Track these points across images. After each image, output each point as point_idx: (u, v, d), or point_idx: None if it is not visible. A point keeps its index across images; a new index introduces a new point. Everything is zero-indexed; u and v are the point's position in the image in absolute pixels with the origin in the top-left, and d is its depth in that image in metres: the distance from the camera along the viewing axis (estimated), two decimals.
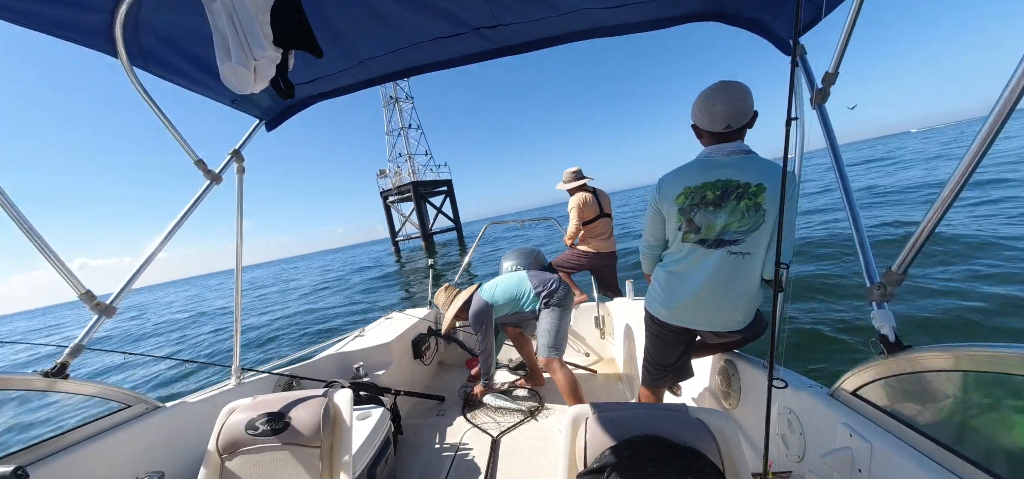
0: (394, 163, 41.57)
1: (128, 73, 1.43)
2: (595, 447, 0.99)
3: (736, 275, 1.43)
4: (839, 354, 3.84)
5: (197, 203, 1.81)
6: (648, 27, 1.75)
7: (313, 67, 1.73)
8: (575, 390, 2.24)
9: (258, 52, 1.11)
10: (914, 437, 0.99)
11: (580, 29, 1.77)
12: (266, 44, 1.12)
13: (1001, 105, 0.77)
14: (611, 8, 1.62)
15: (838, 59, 1.32)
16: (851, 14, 1.23)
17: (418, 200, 37.99)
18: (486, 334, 2.51)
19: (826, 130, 1.32)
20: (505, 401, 2.62)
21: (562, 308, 2.37)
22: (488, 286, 2.56)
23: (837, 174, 1.27)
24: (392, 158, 41.84)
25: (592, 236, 3.55)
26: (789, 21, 1.53)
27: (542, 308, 2.39)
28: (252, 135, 2.03)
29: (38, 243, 1.29)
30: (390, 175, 40.31)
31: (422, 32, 1.67)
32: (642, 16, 1.69)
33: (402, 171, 40.64)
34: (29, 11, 1.17)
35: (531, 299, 2.42)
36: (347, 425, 1.41)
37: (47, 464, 1.30)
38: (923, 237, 0.96)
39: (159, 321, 18.53)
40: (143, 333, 15.36)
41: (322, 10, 1.44)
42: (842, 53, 1.31)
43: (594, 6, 1.61)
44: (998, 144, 0.85)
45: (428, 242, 38.23)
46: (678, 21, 1.74)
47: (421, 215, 38.51)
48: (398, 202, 40.86)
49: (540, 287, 2.41)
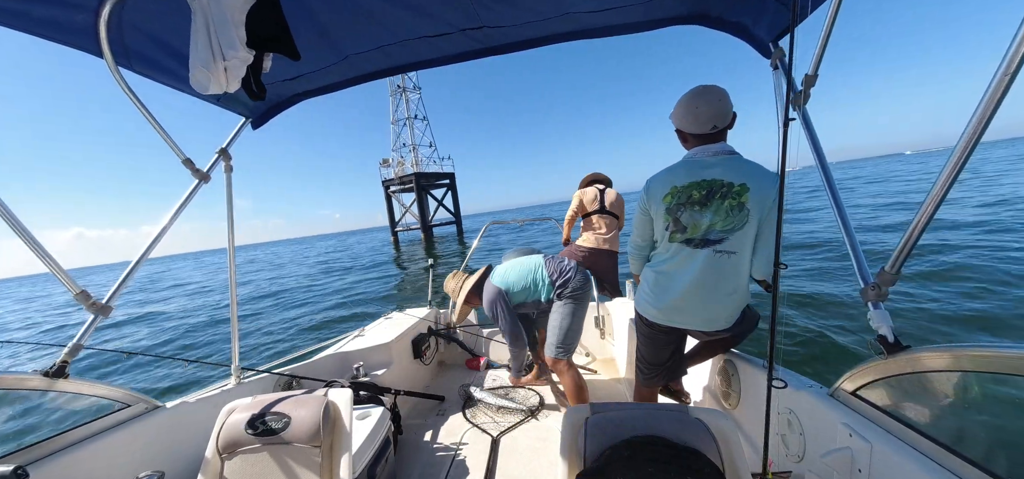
0: (398, 152, 41.51)
1: (113, 73, 1.42)
2: (595, 447, 0.99)
3: (723, 274, 1.44)
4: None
5: (186, 202, 1.82)
6: (632, 29, 1.77)
7: (296, 64, 1.74)
8: (581, 395, 2.17)
9: (229, 53, 1.11)
10: (914, 437, 0.99)
11: (566, 31, 1.78)
12: (239, 45, 1.12)
13: (986, 100, 0.78)
14: (595, 11, 1.64)
15: (817, 61, 1.34)
16: (829, 18, 1.26)
17: (420, 191, 37.87)
18: (507, 318, 2.28)
19: (809, 132, 1.33)
20: (505, 401, 2.62)
21: (576, 302, 2.18)
22: (500, 271, 2.36)
23: (822, 176, 1.29)
24: (396, 148, 41.77)
25: (589, 230, 3.51)
26: (768, 25, 1.56)
27: (555, 299, 2.19)
28: (238, 133, 2.03)
29: (32, 245, 1.29)
30: (393, 164, 40.24)
31: (408, 30, 1.68)
32: (626, 18, 1.71)
33: (405, 161, 40.53)
34: (12, 11, 1.17)
35: (546, 288, 2.22)
36: (347, 425, 1.41)
37: (47, 464, 1.30)
38: (915, 236, 0.97)
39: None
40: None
41: (306, 6, 1.43)
42: (821, 56, 1.33)
43: (579, 10, 1.62)
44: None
45: (427, 234, 38.20)
46: (661, 24, 1.76)
47: (422, 206, 38.40)
48: (400, 192, 40.75)
49: (556, 275, 2.21)
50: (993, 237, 7.52)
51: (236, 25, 1.11)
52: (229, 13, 1.09)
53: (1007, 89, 0.76)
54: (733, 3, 1.58)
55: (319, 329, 8.85)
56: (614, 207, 3.40)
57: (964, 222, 8.85)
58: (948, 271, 5.86)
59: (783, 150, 1.06)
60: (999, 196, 12.27)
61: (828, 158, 1.33)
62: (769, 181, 1.37)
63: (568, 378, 2.19)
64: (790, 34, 1.05)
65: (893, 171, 42.31)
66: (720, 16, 1.68)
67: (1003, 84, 0.76)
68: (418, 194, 37.82)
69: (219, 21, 1.09)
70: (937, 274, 5.81)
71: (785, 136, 1.04)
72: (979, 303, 4.77)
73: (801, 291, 5.97)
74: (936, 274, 5.81)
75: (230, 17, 1.09)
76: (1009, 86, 0.76)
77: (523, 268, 2.31)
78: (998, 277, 5.41)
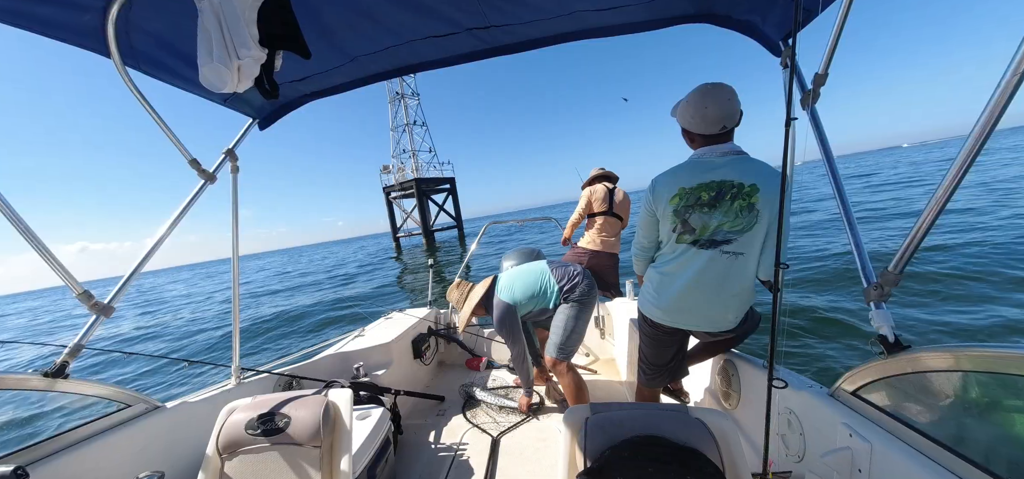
0: (398, 159, 41.57)
1: (121, 73, 1.43)
2: (595, 447, 0.99)
3: (728, 274, 1.43)
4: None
5: (192, 203, 1.82)
6: (639, 28, 1.76)
7: (304, 65, 1.73)
8: (581, 395, 2.16)
9: (243, 51, 1.11)
10: (914, 437, 0.99)
11: (572, 30, 1.78)
12: (252, 44, 1.12)
13: (995, 100, 0.78)
14: (603, 10, 1.63)
15: (828, 60, 1.32)
16: (840, 16, 1.24)
17: (420, 197, 38.02)
18: (516, 340, 2.26)
19: (818, 131, 1.32)
20: (505, 400, 2.62)
21: (581, 305, 2.18)
22: (505, 283, 2.31)
23: (829, 175, 1.28)
24: (396, 154, 41.85)
25: (593, 230, 3.47)
26: (778, 22, 1.54)
27: (561, 303, 2.20)
28: (245, 134, 2.03)
29: (36, 244, 1.29)
30: (393, 171, 40.33)
31: (414, 31, 1.68)
32: (633, 18, 1.70)
33: (405, 167, 40.63)
34: (21, 11, 1.17)
35: (554, 295, 2.21)
36: (347, 425, 1.41)
37: (47, 464, 1.30)
38: (919, 236, 0.97)
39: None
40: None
41: (313, 8, 1.44)
42: (832, 55, 1.31)
43: (586, 8, 1.62)
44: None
45: (429, 239, 38.28)
46: (669, 22, 1.75)
47: (423, 212, 38.54)
48: (400, 198, 40.86)
49: (564, 280, 2.22)
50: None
51: (248, 23, 1.11)
52: (240, 11, 1.09)
53: (1016, 88, 0.75)
54: (741, 1, 1.57)
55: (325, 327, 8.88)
56: (620, 208, 3.35)
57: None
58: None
59: (785, 149, 1.06)
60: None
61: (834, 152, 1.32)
62: (780, 181, 1.36)
63: (567, 379, 2.18)
64: (793, 34, 1.05)
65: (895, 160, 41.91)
66: (728, 14, 1.66)
67: (1012, 84, 0.75)
68: (419, 199, 37.95)
69: (231, 19, 1.09)
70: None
71: (788, 135, 1.04)
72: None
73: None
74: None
75: (242, 15, 1.09)
76: (1019, 86, 0.75)
77: (529, 277, 2.28)
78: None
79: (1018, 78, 0.75)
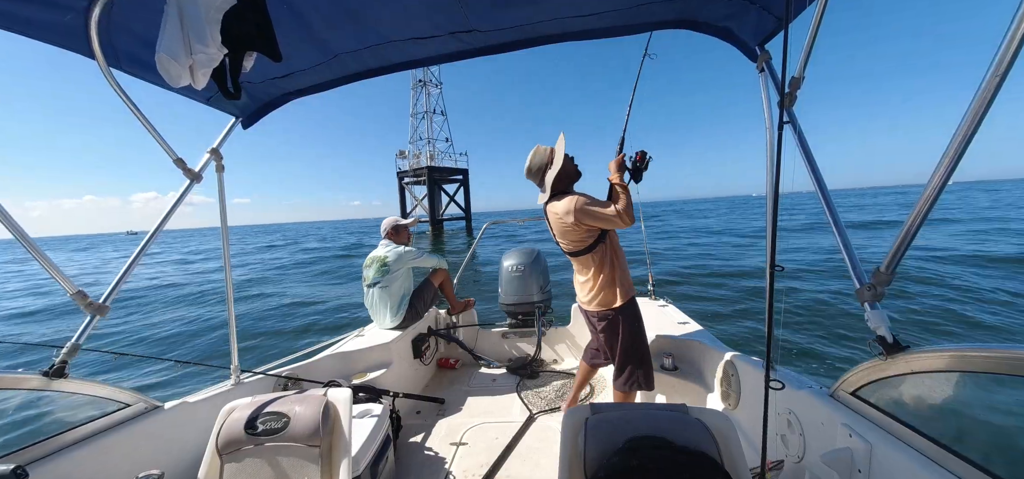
0: (414, 145, 41.70)
1: (105, 73, 1.42)
2: (595, 447, 0.99)
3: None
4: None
5: (179, 202, 1.84)
6: (620, 33, 1.79)
7: (285, 62, 1.72)
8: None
9: (197, 48, 1.10)
10: (914, 437, 0.99)
11: (554, 33, 1.80)
12: (210, 42, 1.11)
13: (978, 98, 0.78)
14: (584, 15, 1.66)
15: (803, 63, 1.34)
16: (815, 20, 1.28)
17: (432, 185, 38.30)
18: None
19: (797, 134, 1.33)
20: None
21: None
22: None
23: (812, 178, 1.28)
24: (413, 140, 42.06)
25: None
26: (753, 29, 1.59)
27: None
28: (229, 133, 2.04)
29: (28, 245, 1.29)
30: (409, 156, 40.45)
31: (397, 31, 1.69)
32: (614, 22, 1.73)
33: (421, 154, 40.82)
34: (1, 11, 1.16)
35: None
36: (346, 425, 1.41)
37: (47, 464, 1.30)
38: (910, 235, 0.97)
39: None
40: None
41: (294, 6, 1.43)
42: (807, 57, 1.34)
43: (568, 14, 1.64)
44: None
45: (436, 227, 38.30)
46: (648, 27, 1.78)
47: (432, 200, 38.72)
48: (413, 184, 41.05)
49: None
50: None
51: (211, 23, 1.09)
52: (204, 10, 1.08)
53: (998, 89, 0.76)
54: (718, 8, 1.60)
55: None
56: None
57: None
58: None
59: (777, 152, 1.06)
60: None
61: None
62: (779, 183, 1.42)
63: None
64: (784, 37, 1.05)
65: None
66: (706, 21, 1.71)
67: (993, 85, 0.76)
68: (429, 187, 38.15)
69: (192, 16, 1.08)
70: None
71: (780, 139, 1.04)
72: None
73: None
74: None
75: (204, 14, 1.09)
76: (999, 86, 0.76)
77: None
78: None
79: (999, 79, 0.76)
